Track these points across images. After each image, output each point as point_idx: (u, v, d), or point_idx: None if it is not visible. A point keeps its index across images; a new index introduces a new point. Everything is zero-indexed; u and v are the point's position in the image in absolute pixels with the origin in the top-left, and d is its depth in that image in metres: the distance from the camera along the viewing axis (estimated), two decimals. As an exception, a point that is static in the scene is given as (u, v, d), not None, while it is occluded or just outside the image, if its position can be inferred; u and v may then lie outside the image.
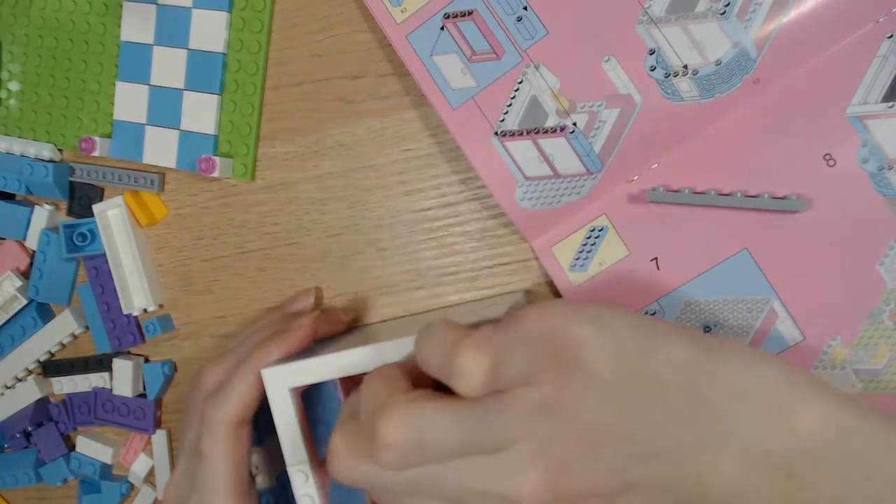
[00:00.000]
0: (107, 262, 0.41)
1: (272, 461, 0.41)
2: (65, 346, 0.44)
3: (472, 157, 0.35)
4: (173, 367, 0.43)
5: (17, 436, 0.45)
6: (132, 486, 0.45)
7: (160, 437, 0.43)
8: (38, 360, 0.44)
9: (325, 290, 0.40)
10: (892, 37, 0.31)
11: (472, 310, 0.36)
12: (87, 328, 0.43)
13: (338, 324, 0.38)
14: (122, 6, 0.40)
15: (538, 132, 0.34)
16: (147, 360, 0.43)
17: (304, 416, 0.32)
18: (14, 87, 0.42)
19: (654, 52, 0.32)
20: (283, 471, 0.41)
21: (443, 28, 0.35)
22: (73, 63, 0.41)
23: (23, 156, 0.42)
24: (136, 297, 0.41)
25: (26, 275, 0.44)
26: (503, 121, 0.34)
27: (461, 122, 0.35)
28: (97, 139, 0.40)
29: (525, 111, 0.34)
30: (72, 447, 0.45)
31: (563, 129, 0.34)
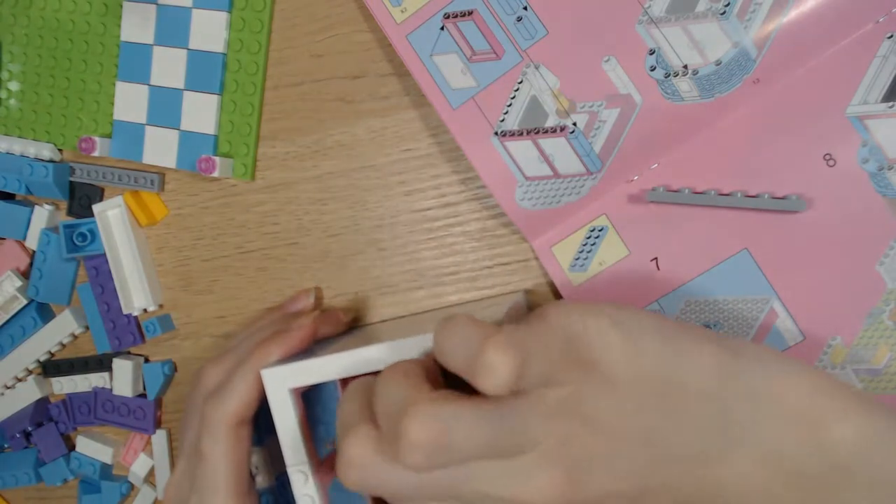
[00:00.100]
0: (107, 262, 0.41)
1: (272, 461, 0.41)
2: (65, 346, 0.44)
3: (472, 157, 0.35)
4: (173, 367, 0.43)
5: (17, 436, 0.45)
6: (132, 487, 0.45)
7: (160, 437, 0.43)
8: (38, 360, 0.44)
9: (325, 290, 0.40)
10: (892, 37, 0.31)
11: (472, 310, 0.36)
12: (87, 328, 0.43)
13: (338, 324, 0.38)
14: (122, 6, 0.40)
15: (538, 132, 0.34)
16: (147, 360, 0.43)
17: (304, 416, 0.32)
18: (14, 87, 0.42)
19: (654, 52, 0.32)
20: (283, 471, 0.41)
21: (443, 28, 0.35)
22: (73, 63, 0.41)
23: (23, 156, 0.42)
24: (136, 297, 0.41)
25: (26, 275, 0.44)
26: (503, 121, 0.34)
27: (461, 122, 0.35)
28: (97, 139, 0.40)
29: (525, 111, 0.34)
30: (72, 447, 0.45)
31: (563, 129, 0.34)
